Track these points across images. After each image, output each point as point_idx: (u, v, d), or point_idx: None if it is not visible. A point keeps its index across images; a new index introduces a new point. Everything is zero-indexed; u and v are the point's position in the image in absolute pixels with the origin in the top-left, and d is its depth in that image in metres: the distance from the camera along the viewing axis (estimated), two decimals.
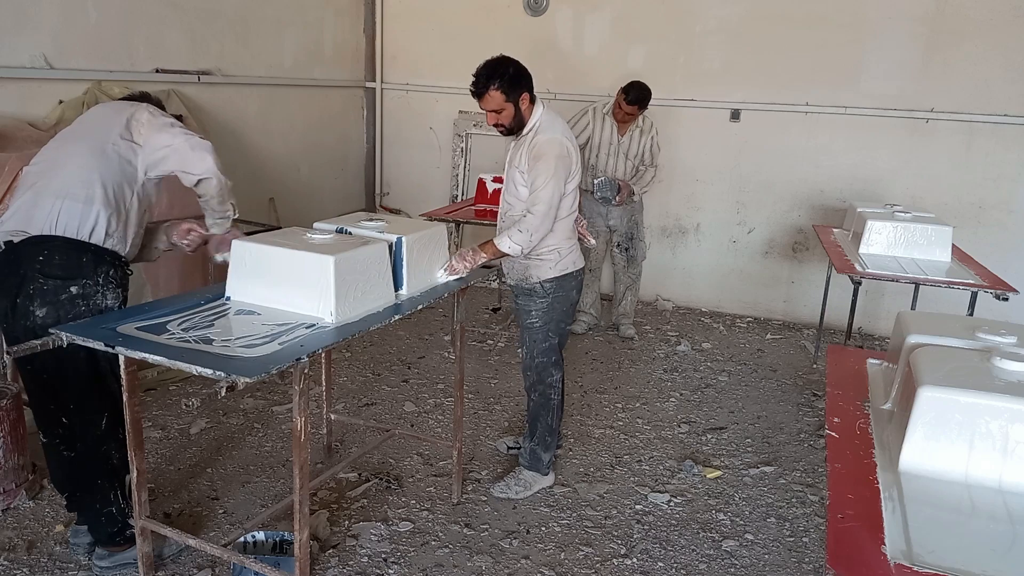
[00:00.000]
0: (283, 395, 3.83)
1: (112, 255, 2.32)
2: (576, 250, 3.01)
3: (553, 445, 3.14)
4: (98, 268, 2.27)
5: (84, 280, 2.24)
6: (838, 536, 1.40)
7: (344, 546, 2.67)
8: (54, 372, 2.29)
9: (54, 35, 3.61)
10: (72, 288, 2.22)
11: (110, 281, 2.30)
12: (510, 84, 2.75)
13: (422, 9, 6.04)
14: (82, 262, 2.24)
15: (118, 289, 2.33)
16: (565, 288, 2.96)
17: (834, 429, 1.84)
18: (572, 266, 2.96)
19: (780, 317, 5.56)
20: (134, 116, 2.38)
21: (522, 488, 3.08)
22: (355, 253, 2.26)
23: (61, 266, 2.21)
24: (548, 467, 3.14)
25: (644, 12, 5.43)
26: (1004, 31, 4.66)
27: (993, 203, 4.93)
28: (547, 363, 3.01)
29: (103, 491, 2.41)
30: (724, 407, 4.02)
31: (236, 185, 2.81)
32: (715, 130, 5.44)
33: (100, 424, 2.36)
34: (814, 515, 3.02)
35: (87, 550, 2.50)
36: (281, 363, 1.87)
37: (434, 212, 4.68)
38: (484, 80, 2.76)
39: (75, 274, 2.22)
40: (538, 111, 2.85)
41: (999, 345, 1.86)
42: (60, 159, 2.32)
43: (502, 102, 2.77)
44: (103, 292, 2.28)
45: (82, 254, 2.24)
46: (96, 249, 2.27)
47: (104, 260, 2.29)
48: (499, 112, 2.80)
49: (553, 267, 2.90)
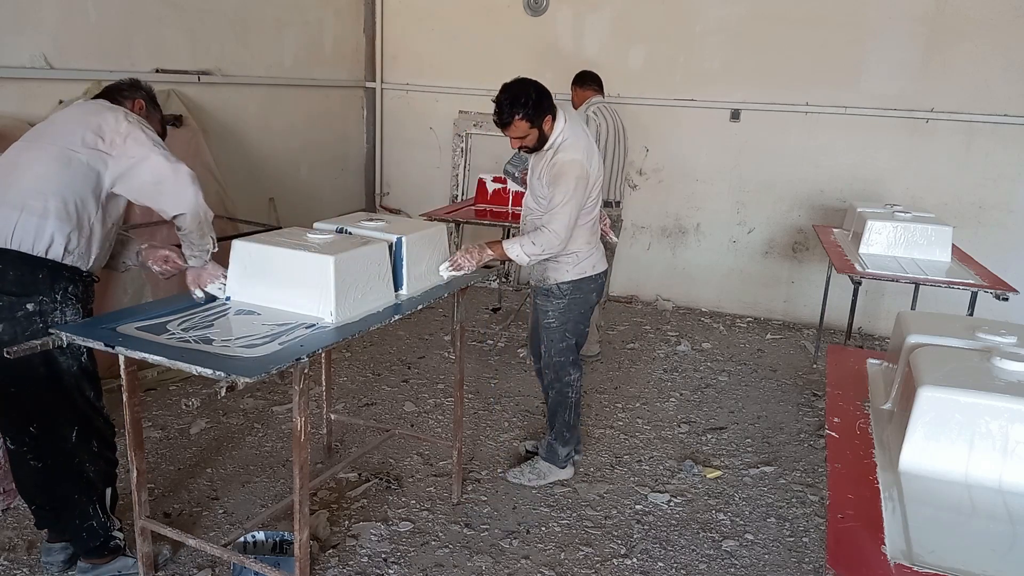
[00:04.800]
0: (283, 395, 3.83)
1: (72, 271, 2.17)
2: (596, 253, 3.00)
3: (572, 441, 3.16)
4: (55, 285, 2.14)
5: (40, 297, 2.12)
6: (838, 536, 1.40)
7: (344, 546, 2.67)
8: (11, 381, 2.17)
9: (54, 35, 3.61)
10: (28, 305, 2.10)
11: (69, 298, 2.17)
12: (535, 111, 2.73)
13: (422, 9, 6.04)
14: (38, 279, 2.11)
15: (78, 305, 2.20)
16: (583, 291, 2.97)
17: (834, 429, 1.84)
18: (591, 270, 2.97)
19: (780, 317, 5.56)
20: (107, 122, 2.18)
21: (536, 477, 3.13)
22: (355, 253, 2.26)
23: (15, 282, 2.09)
24: (565, 461, 3.17)
25: (644, 12, 5.43)
26: (1004, 31, 4.66)
27: (993, 203, 4.93)
28: (564, 363, 3.03)
29: (81, 505, 2.33)
30: (724, 407, 4.02)
31: (236, 185, 2.81)
32: (715, 130, 5.44)
33: (70, 438, 2.25)
34: (814, 515, 3.02)
35: (61, 568, 2.42)
36: (281, 363, 1.87)
37: (434, 212, 4.67)
38: (508, 110, 2.73)
39: (30, 291, 2.10)
40: (559, 125, 2.81)
41: (999, 345, 1.86)
42: (20, 165, 2.15)
43: (527, 129, 2.76)
44: (61, 309, 2.15)
45: (38, 270, 2.11)
46: (53, 265, 2.13)
47: (62, 276, 2.15)
48: (524, 138, 2.80)
49: (571, 270, 2.92)
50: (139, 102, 2.39)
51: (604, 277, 3.07)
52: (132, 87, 2.41)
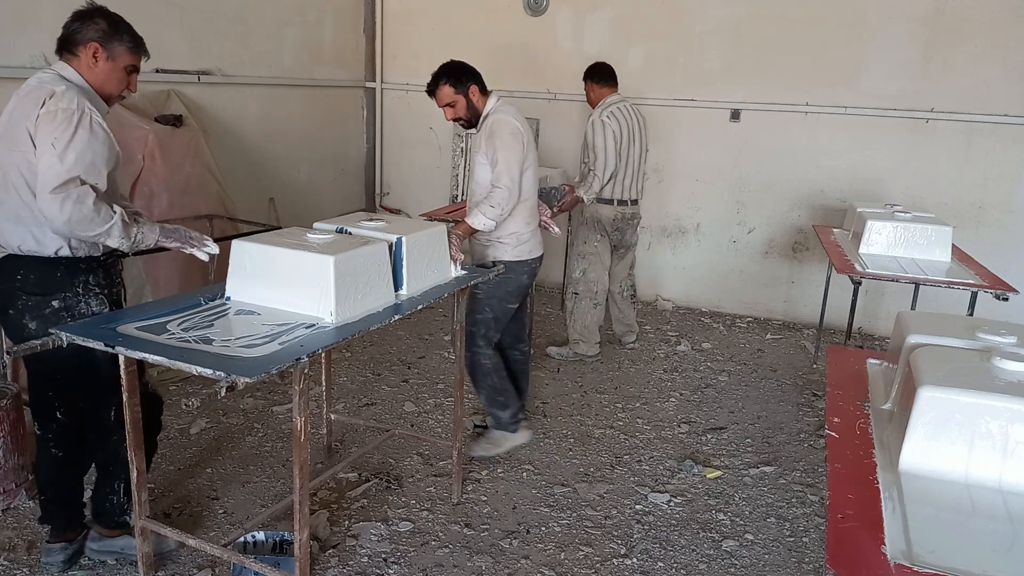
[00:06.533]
0: (283, 395, 3.83)
1: (87, 261, 2.23)
2: (535, 238, 3.23)
3: (510, 404, 3.28)
4: (75, 280, 2.21)
5: (63, 293, 2.20)
6: (838, 536, 1.40)
7: (344, 546, 2.67)
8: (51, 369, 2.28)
9: (54, 35, 3.55)
10: (53, 302, 2.19)
11: (91, 289, 2.24)
12: (456, 77, 3.07)
13: (422, 9, 6.04)
14: (56, 277, 2.19)
15: (102, 294, 2.27)
16: (516, 272, 3.13)
17: (834, 429, 1.84)
18: (528, 254, 3.16)
19: (780, 317, 5.56)
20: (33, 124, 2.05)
21: (491, 445, 3.31)
22: (355, 253, 2.26)
23: (37, 283, 2.18)
24: (515, 425, 3.32)
25: (644, 12, 5.43)
26: (1004, 31, 4.66)
27: (993, 203, 4.93)
28: (476, 333, 3.17)
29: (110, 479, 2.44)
30: (724, 407, 4.02)
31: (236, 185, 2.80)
32: (715, 130, 5.44)
33: (109, 417, 2.36)
34: (814, 515, 3.02)
35: (60, 568, 2.44)
36: (281, 363, 1.86)
37: (434, 212, 4.67)
38: (433, 80, 3.10)
39: (52, 289, 2.18)
40: (491, 101, 3.13)
41: (999, 345, 1.86)
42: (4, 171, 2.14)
43: (452, 94, 3.07)
44: (85, 301, 2.23)
45: (55, 269, 2.18)
46: (68, 261, 2.19)
47: (79, 270, 2.21)
48: (453, 105, 3.09)
49: (510, 251, 3.13)
50: (92, 46, 2.17)
51: (539, 263, 3.24)
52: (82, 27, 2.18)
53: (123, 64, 2.23)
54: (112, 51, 2.20)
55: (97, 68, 2.19)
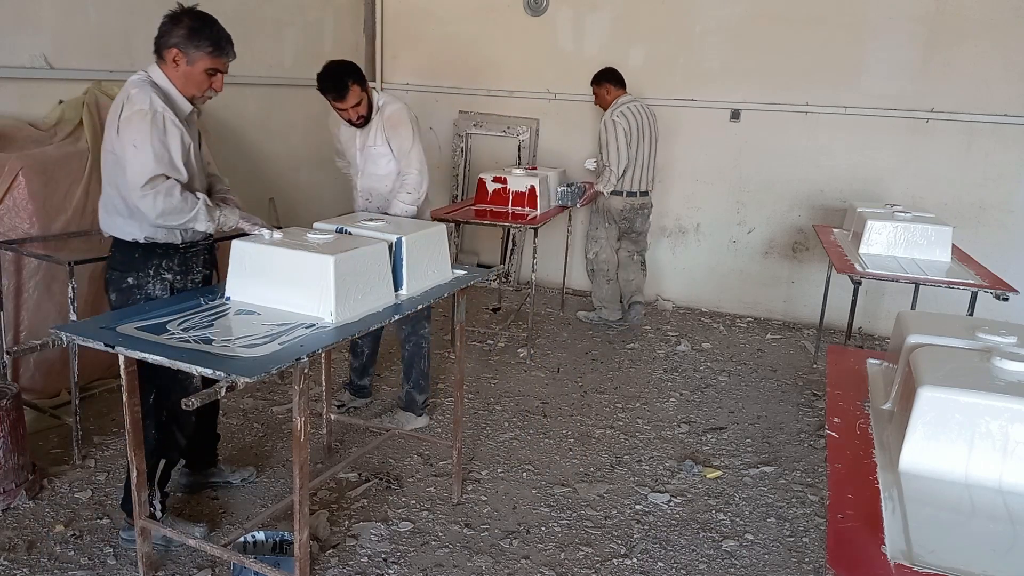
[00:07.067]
0: (283, 395, 3.83)
1: (164, 247, 2.44)
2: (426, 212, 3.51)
3: (427, 389, 3.58)
4: (148, 263, 2.44)
5: (137, 272, 2.44)
6: (838, 536, 1.40)
7: (344, 546, 2.67)
8: None
9: (54, 35, 3.61)
10: (128, 279, 2.44)
11: (161, 273, 2.46)
12: (358, 76, 3.19)
13: (422, 9, 6.04)
14: (134, 258, 2.44)
15: (167, 282, 2.47)
16: None
17: (834, 429, 1.84)
18: None
19: (780, 317, 5.56)
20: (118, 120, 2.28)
21: (394, 426, 3.45)
22: (355, 253, 2.26)
23: (119, 261, 2.46)
24: (422, 409, 3.56)
25: (644, 12, 5.43)
26: (1004, 31, 4.66)
27: (993, 203, 4.93)
28: (420, 317, 3.37)
29: None
30: (724, 407, 4.02)
31: (236, 185, 2.80)
32: (715, 130, 5.44)
33: (147, 401, 2.43)
34: (814, 515, 3.02)
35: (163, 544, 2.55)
36: (281, 363, 1.87)
37: (434, 212, 4.67)
38: (344, 80, 3.15)
39: (129, 268, 2.44)
40: (376, 95, 3.31)
41: (999, 345, 1.86)
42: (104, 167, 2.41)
43: (359, 93, 3.19)
44: (152, 283, 2.46)
45: (133, 251, 2.43)
46: (146, 246, 2.42)
47: (154, 254, 2.44)
48: (359, 104, 3.20)
49: None
50: (172, 51, 2.30)
51: None
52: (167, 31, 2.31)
53: (202, 68, 2.35)
54: (191, 56, 2.33)
55: (178, 71, 2.34)
